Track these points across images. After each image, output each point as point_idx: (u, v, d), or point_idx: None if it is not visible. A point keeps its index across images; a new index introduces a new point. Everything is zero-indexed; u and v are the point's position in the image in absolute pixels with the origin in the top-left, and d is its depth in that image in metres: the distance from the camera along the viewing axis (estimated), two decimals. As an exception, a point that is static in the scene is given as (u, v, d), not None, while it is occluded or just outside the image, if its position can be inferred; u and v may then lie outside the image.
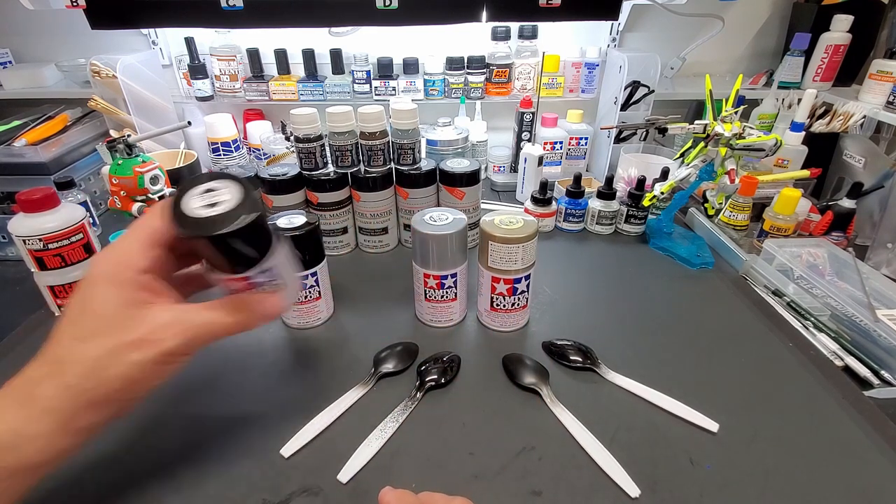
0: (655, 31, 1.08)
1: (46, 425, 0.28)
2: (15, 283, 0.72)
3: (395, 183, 0.76)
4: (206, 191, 0.32)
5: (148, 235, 0.32)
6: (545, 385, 0.51)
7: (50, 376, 0.28)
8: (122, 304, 0.29)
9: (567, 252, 0.79)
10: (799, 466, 0.44)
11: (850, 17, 0.93)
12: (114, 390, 0.29)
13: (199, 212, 0.31)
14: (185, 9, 0.82)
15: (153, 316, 0.30)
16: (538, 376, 0.52)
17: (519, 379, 0.52)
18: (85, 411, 0.29)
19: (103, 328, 0.28)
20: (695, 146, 0.71)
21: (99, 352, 0.28)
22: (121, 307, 0.29)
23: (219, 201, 0.32)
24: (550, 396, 0.50)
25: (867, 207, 0.81)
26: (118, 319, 0.29)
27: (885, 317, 0.57)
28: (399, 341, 0.57)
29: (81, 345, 0.28)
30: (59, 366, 0.28)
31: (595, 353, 0.55)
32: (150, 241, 0.32)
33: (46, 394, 0.28)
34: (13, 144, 0.86)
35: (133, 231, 0.32)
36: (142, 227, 0.32)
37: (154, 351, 0.29)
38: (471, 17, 0.83)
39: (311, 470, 0.43)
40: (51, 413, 0.28)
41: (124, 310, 0.29)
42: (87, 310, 0.29)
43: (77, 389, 0.28)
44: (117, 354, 0.28)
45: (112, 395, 0.29)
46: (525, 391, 0.51)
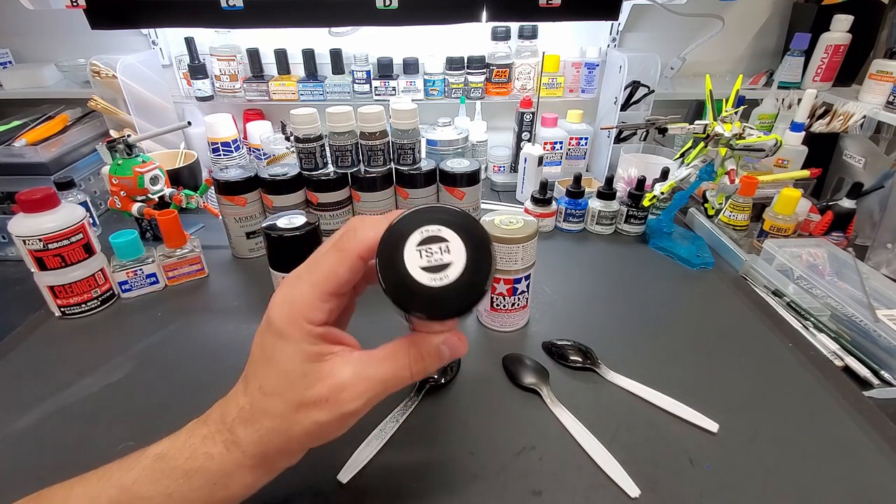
0: (655, 31, 1.08)
1: (250, 467, 0.29)
2: (15, 283, 0.72)
3: (395, 183, 0.76)
4: (424, 240, 0.26)
5: (329, 286, 0.28)
6: (545, 385, 0.51)
7: (244, 423, 0.28)
8: (302, 359, 0.28)
9: (567, 252, 0.79)
10: (799, 466, 0.44)
11: (850, 17, 0.93)
12: (299, 443, 0.29)
13: (421, 277, 0.26)
14: (185, 9, 0.82)
15: (333, 372, 0.28)
16: (538, 376, 0.52)
17: (519, 379, 0.52)
18: (278, 456, 0.30)
19: (285, 384, 0.28)
20: (695, 146, 0.71)
21: (284, 408, 0.28)
22: (300, 362, 0.28)
23: (444, 262, 0.26)
24: (550, 396, 0.50)
25: (867, 207, 0.81)
26: (298, 375, 0.28)
27: (885, 317, 0.57)
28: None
29: (267, 398, 0.28)
30: (251, 414, 0.28)
31: (595, 353, 0.55)
32: (331, 292, 0.28)
33: (245, 440, 0.28)
34: (13, 144, 0.86)
35: (312, 276, 0.29)
36: (322, 274, 0.28)
37: (336, 413, 0.28)
38: (471, 17, 0.83)
39: (311, 470, 0.43)
40: (253, 458, 0.29)
41: (304, 364, 0.28)
42: (270, 361, 0.28)
43: (268, 440, 0.28)
44: (300, 412, 0.27)
45: (298, 446, 0.30)
46: (525, 391, 0.51)
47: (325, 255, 0.29)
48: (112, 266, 0.66)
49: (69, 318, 0.63)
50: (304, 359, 0.28)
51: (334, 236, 0.29)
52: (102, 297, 0.64)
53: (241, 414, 0.29)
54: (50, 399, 0.51)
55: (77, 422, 0.48)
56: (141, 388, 0.53)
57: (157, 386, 0.53)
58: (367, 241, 0.28)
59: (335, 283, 0.28)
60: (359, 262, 0.28)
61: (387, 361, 0.29)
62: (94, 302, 0.64)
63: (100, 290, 0.64)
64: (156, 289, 0.69)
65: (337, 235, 0.29)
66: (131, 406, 0.50)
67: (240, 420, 0.29)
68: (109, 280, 0.65)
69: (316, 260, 0.29)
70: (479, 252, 0.26)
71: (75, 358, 0.57)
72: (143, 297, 0.68)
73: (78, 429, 0.47)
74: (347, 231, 0.29)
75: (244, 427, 0.28)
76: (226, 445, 0.29)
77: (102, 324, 0.63)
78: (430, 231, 0.26)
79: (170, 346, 0.59)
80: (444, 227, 0.26)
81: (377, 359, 0.29)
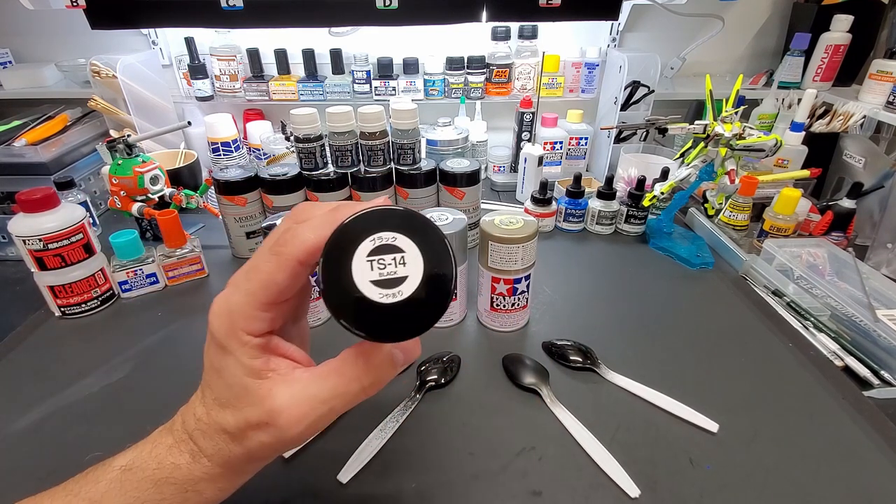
0: (655, 31, 1.08)
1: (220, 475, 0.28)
2: (15, 283, 0.72)
3: (395, 183, 0.76)
4: (375, 249, 0.23)
5: (266, 295, 0.25)
6: (545, 385, 0.51)
7: (203, 435, 0.27)
8: (243, 373, 0.26)
9: (567, 252, 0.79)
10: (799, 466, 0.44)
11: (850, 17, 0.93)
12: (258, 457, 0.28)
13: (372, 294, 0.22)
14: (185, 9, 0.82)
15: (271, 394, 0.25)
16: (538, 376, 0.52)
17: (519, 379, 0.52)
18: (244, 464, 0.28)
19: (233, 399, 0.26)
20: (695, 146, 0.71)
21: (235, 423, 0.26)
22: (242, 377, 0.26)
23: (399, 276, 0.23)
24: (550, 396, 0.50)
25: (867, 207, 0.81)
26: (242, 391, 0.26)
27: (885, 317, 0.57)
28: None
29: (221, 411, 0.27)
30: (207, 426, 0.27)
31: (595, 353, 0.55)
32: (269, 302, 0.25)
33: (208, 451, 0.27)
34: (13, 144, 0.86)
35: (249, 284, 0.25)
36: (259, 282, 0.25)
37: (277, 437, 0.26)
38: (471, 17, 0.83)
39: (311, 470, 0.43)
40: (220, 467, 0.28)
41: (245, 380, 0.26)
42: (219, 373, 0.27)
43: (228, 452, 0.27)
44: (248, 430, 0.26)
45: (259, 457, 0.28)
46: (525, 391, 0.51)
47: (262, 261, 0.25)
48: (112, 266, 0.66)
49: (69, 318, 0.63)
50: (245, 373, 0.26)
51: (272, 235, 0.26)
52: (102, 297, 0.64)
53: (199, 426, 0.27)
54: (50, 399, 0.51)
55: (77, 422, 0.48)
56: (141, 388, 0.53)
57: (157, 386, 0.53)
58: (308, 244, 0.24)
59: (273, 291, 0.25)
60: (299, 268, 0.25)
61: (331, 377, 0.26)
62: (94, 302, 0.64)
63: (100, 290, 0.64)
64: (156, 289, 0.69)
65: (274, 235, 0.26)
66: (131, 406, 0.50)
67: (199, 432, 0.27)
68: (109, 280, 0.65)
69: (254, 265, 0.26)
70: (438, 264, 0.23)
71: (75, 358, 0.57)
72: (143, 297, 0.68)
73: (78, 429, 0.47)
74: (286, 232, 0.25)
75: (203, 439, 0.27)
76: (191, 455, 0.27)
77: (102, 324, 0.63)
78: (384, 239, 0.23)
79: (170, 346, 0.59)
80: (400, 234, 0.23)
81: (320, 375, 0.27)
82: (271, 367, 0.26)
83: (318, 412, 0.26)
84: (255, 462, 0.29)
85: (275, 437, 0.26)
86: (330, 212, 0.25)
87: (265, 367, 0.26)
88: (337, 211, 0.25)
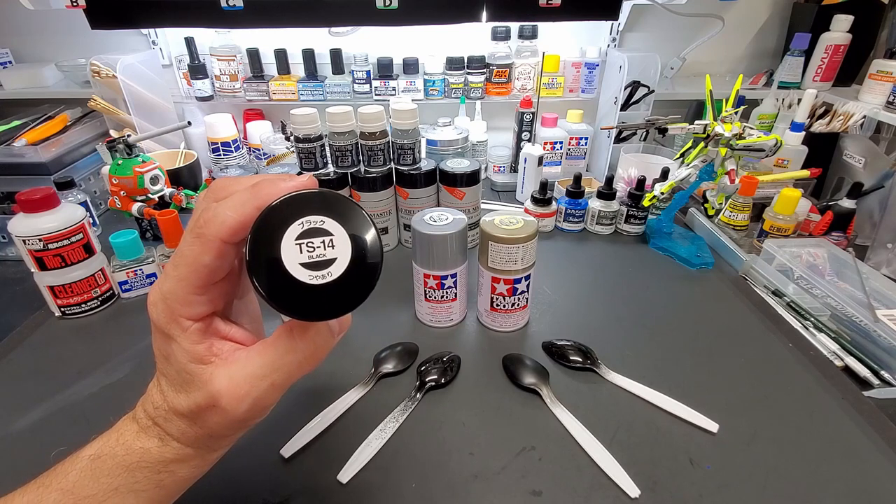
0: (655, 31, 1.08)
1: (191, 455, 0.28)
2: (15, 283, 0.72)
3: (395, 183, 0.76)
4: (304, 233, 0.23)
5: (197, 278, 0.25)
6: (545, 385, 0.51)
7: (164, 420, 0.28)
8: (188, 360, 0.26)
9: (567, 252, 0.79)
10: (799, 466, 0.44)
11: (850, 17, 0.93)
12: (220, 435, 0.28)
13: (301, 275, 0.23)
14: (185, 9, 0.82)
15: (212, 378, 0.26)
16: (538, 376, 0.52)
17: (519, 379, 0.52)
18: (212, 442, 0.29)
19: (183, 384, 0.27)
20: (695, 146, 0.71)
21: (187, 406, 0.26)
22: (187, 363, 0.26)
23: (328, 258, 0.23)
24: (550, 396, 0.50)
25: (867, 207, 0.81)
26: (189, 377, 0.26)
27: (885, 317, 0.57)
28: (399, 342, 0.57)
29: (176, 396, 0.27)
30: (166, 412, 0.28)
31: (595, 353, 0.55)
32: (201, 285, 0.25)
33: (174, 433, 0.27)
34: (13, 144, 0.86)
35: (178, 270, 0.25)
36: (187, 267, 0.25)
37: (226, 417, 0.26)
38: (471, 17, 0.83)
39: (311, 470, 0.43)
40: (189, 446, 0.28)
41: (190, 365, 0.26)
42: (168, 360, 0.27)
43: (192, 433, 0.27)
44: (199, 413, 0.26)
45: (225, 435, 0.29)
46: (525, 391, 0.51)
47: (186, 245, 0.25)
48: (112, 266, 0.66)
49: (69, 318, 0.63)
50: (190, 359, 0.26)
51: (193, 215, 0.25)
52: (102, 297, 0.64)
53: (159, 412, 0.28)
54: (50, 399, 0.51)
55: (77, 422, 0.48)
56: (141, 388, 0.52)
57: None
58: (229, 223, 0.24)
59: (203, 274, 0.25)
60: (224, 247, 0.24)
61: (267, 353, 0.26)
62: (94, 302, 0.64)
63: (100, 290, 0.64)
64: (156, 289, 0.68)
65: (195, 215, 0.25)
66: (131, 406, 0.50)
67: (161, 417, 0.28)
68: (109, 280, 0.65)
69: (179, 250, 0.25)
70: (365, 246, 0.24)
71: (75, 358, 0.57)
72: (143, 296, 0.68)
73: (78, 429, 0.47)
74: (205, 211, 0.24)
75: (166, 423, 0.27)
76: (160, 438, 0.28)
77: (102, 324, 0.63)
78: (313, 223, 0.23)
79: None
80: (328, 217, 0.23)
81: (257, 353, 0.26)
82: (214, 353, 0.26)
83: (258, 389, 0.26)
84: (223, 439, 0.29)
85: (224, 417, 0.26)
86: (251, 188, 0.24)
87: (208, 352, 0.26)
88: (258, 187, 0.24)
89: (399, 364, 0.54)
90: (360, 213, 0.24)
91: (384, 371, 0.53)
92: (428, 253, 0.56)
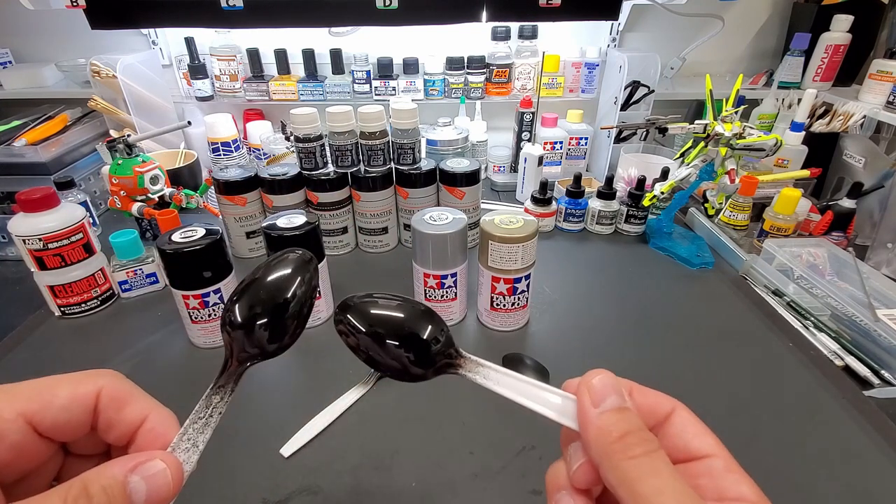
0: (655, 31, 1.08)
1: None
2: (15, 282, 0.72)
3: (395, 183, 0.76)
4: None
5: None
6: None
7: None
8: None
9: (567, 252, 0.79)
10: (799, 466, 0.44)
11: (850, 17, 0.93)
12: None
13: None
14: (185, 9, 0.82)
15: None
16: (538, 376, 0.52)
17: (519, 379, 0.52)
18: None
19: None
20: (695, 146, 0.71)
21: None
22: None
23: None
24: (550, 396, 0.50)
25: (867, 207, 0.81)
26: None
27: (885, 317, 0.57)
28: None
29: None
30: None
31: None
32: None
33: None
34: (13, 144, 0.86)
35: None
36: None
37: None
38: (471, 17, 0.83)
39: (311, 470, 0.43)
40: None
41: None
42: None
43: None
44: None
45: None
46: (525, 391, 0.51)
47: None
48: (112, 266, 0.66)
49: (69, 317, 0.63)
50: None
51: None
52: (102, 297, 0.64)
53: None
54: (50, 399, 0.51)
55: (77, 421, 0.48)
56: (141, 388, 0.53)
57: (157, 386, 0.53)
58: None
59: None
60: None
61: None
62: (94, 302, 0.64)
63: (100, 289, 0.64)
64: (156, 288, 0.69)
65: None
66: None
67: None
68: (109, 280, 0.65)
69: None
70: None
71: (75, 358, 0.57)
72: (143, 296, 0.68)
73: (78, 428, 0.47)
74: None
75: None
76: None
77: (102, 324, 0.63)
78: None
79: (170, 346, 0.59)
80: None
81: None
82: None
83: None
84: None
85: None
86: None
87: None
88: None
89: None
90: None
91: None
92: (428, 253, 0.56)
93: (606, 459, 0.18)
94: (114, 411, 0.22)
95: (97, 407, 0.21)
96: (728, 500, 0.19)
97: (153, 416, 0.23)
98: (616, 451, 0.18)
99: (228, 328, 0.24)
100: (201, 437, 0.22)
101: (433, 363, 0.25)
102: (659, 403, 0.22)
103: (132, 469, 0.19)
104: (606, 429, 0.19)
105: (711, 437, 0.21)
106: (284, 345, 0.24)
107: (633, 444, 0.18)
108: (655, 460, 0.18)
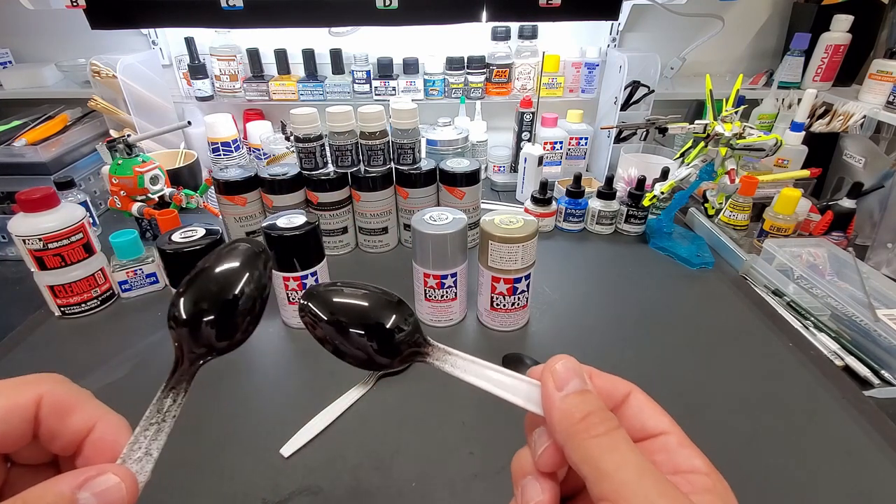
0: (655, 31, 1.08)
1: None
2: (15, 282, 0.72)
3: (395, 183, 0.76)
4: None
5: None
6: (545, 385, 0.51)
7: None
8: None
9: (567, 252, 0.79)
10: (799, 466, 0.44)
11: (850, 17, 0.93)
12: None
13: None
14: (185, 9, 0.82)
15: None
16: (538, 376, 0.52)
17: (519, 379, 0.52)
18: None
19: None
20: (695, 146, 0.71)
21: None
22: None
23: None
24: (550, 396, 0.50)
25: (867, 207, 0.81)
26: None
27: (885, 316, 0.57)
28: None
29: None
30: None
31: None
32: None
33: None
34: (13, 144, 0.86)
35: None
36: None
37: None
38: (471, 17, 0.83)
39: (310, 470, 0.43)
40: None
41: None
42: None
43: None
44: None
45: None
46: (525, 391, 0.51)
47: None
48: (112, 266, 0.66)
49: (69, 317, 0.63)
50: None
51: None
52: (102, 297, 0.64)
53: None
54: (50, 399, 0.51)
55: (77, 421, 0.48)
56: (141, 388, 0.53)
57: (157, 386, 0.53)
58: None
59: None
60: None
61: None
62: (94, 302, 0.64)
63: (100, 289, 0.64)
64: (156, 288, 0.69)
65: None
66: (131, 406, 0.50)
67: None
68: (109, 280, 0.65)
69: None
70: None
71: (75, 358, 0.57)
72: (143, 296, 0.68)
73: (78, 428, 0.47)
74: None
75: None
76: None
77: (102, 324, 0.63)
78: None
79: (169, 346, 0.58)
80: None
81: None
82: None
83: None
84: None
85: None
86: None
87: None
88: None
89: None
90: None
91: (384, 371, 0.53)
92: (428, 252, 0.56)
93: (570, 440, 0.19)
94: (56, 420, 0.20)
95: (38, 415, 0.20)
96: (682, 472, 0.20)
97: (101, 425, 0.21)
98: (579, 430, 0.19)
99: (173, 324, 0.22)
100: (155, 444, 0.21)
101: (398, 352, 0.24)
102: (616, 387, 0.23)
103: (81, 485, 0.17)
104: (570, 411, 0.20)
105: (665, 417, 0.22)
106: (237, 341, 0.23)
107: (595, 424, 0.19)
108: (616, 438, 0.19)
